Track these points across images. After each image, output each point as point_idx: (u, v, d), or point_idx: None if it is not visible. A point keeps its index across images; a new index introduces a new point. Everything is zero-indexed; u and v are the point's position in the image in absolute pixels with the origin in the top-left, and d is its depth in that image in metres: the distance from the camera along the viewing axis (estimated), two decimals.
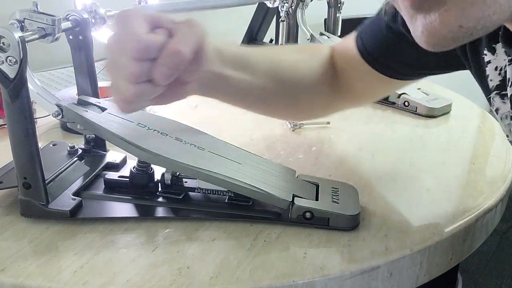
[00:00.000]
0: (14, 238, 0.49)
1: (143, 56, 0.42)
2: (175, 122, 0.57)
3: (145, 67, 0.42)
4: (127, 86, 0.43)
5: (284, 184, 0.53)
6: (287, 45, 0.66)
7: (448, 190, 0.59)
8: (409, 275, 0.48)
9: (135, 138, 0.50)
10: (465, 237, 0.52)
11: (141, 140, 0.50)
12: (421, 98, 0.86)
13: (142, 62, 0.42)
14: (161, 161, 0.50)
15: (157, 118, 0.58)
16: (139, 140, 0.50)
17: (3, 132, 0.75)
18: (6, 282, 0.43)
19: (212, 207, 0.53)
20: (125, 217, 0.52)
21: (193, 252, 0.47)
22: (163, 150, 0.50)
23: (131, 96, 0.43)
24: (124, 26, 0.43)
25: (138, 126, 0.53)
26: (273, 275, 0.43)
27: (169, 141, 0.52)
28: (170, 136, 0.53)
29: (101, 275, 0.43)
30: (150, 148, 0.49)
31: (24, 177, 0.50)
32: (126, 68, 0.42)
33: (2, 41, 0.45)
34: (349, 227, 0.50)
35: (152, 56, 0.42)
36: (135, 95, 0.43)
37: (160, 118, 0.58)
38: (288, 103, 0.65)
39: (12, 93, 0.46)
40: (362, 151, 0.70)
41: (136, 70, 0.42)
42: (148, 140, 0.51)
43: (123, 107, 0.45)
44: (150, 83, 0.43)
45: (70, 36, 0.56)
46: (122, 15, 0.43)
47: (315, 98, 0.66)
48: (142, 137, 0.51)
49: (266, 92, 0.60)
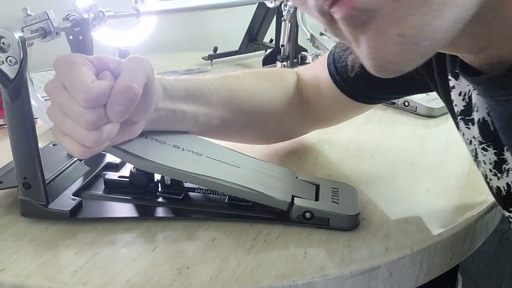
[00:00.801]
0: (14, 238, 0.49)
1: (96, 104, 0.42)
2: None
3: (100, 112, 0.42)
4: (85, 133, 0.43)
5: (283, 185, 0.53)
6: (247, 72, 0.64)
7: (448, 190, 0.59)
8: (409, 275, 0.48)
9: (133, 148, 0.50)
10: (465, 237, 0.52)
11: (138, 150, 0.50)
12: (421, 98, 0.86)
13: (96, 108, 0.42)
14: (160, 169, 0.50)
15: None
16: (137, 149, 0.50)
17: (3, 132, 0.75)
18: (6, 282, 0.43)
19: (212, 207, 0.53)
20: (125, 217, 0.52)
21: (193, 252, 0.47)
22: (162, 158, 0.50)
23: (92, 142, 0.43)
24: (69, 75, 0.42)
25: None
26: (273, 275, 0.43)
27: (166, 148, 0.52)
28: (168, 144, 0.53)
29: (101, 275, 0.43)
30: (148, 157, 0.49)
31: (24, 177, 0.50)
32: (82, 116, 0.42)
33: (2, 41, 0.45)
34: (349, 227, 0.50)
35: (104, 102, 0.42)
36: (96, 141, 0.43)
37: None
38: (253, 131, 0.64)
39: (12, 93, 0.46)
40: (362, 151, 0.70)
41: (92, 117, 0.42)
42: (146, 149, 0.50)
43: (83, 153, 0.44)
44: (108, 124, 0.44)
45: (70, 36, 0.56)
46: (64, 63, 0.42)
47: (282, 125, 0.66)
48: (140, 146, 0.51)
49: (226, 122, 0.59)
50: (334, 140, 0.74)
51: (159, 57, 1.36)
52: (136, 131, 0.50)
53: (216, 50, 1.27)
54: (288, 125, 0.67)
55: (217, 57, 1.27)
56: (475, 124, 0.44)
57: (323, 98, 0.65)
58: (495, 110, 0.39)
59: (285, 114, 0.65)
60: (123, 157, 0.50)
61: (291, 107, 0.65)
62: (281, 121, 0.65)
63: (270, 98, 0.63)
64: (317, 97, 0.65)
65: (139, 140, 0.52)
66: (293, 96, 0.65)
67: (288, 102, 0.64)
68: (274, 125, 0.65)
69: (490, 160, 0.43)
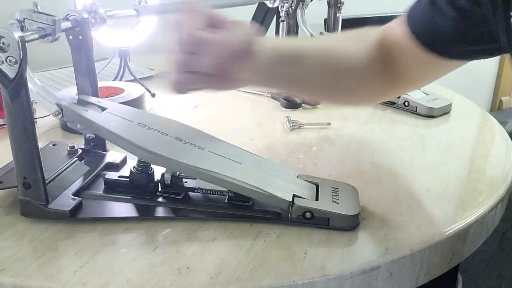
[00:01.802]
0: (14, 238, 0.49)
1: (189, 49, 0.47)
2: (175, 121, 0.57)
3: (190, 59, 0.48)
4: (173, 71, 0.49)
5: (284, 184, 0.53)
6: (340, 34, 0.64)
7: (448, 190, 0.59)
8: (409, 275, 0.48)
9: (135, 137, 0.50)
10: (465, 237, 0.52)
11: (141, 140, 0.50)
12: (421, 98, 0.86)
13: (188, 54, 0.47)
14: (161, 161, 0.50)
15: (157, 118, 0.58)
16: (139, 139, 0.50)
17: (3, 132, 0.75)
18: (6, 282, 0.43)
19: (212, 207, 0.53)
20: (125, 217, 0.52)
21: (193, 252, 0.47)
22: (163, 150, 0.50)
23: (174, 81, 0.49)
24: (186, 17, 0.48)
25: (138, 126, 0.53)
26: (273, 275, 0.43)
27: (169, 140, 0.52)
28: (170, 136, 0.53)
29: (101, 275, 0.43)
30: (150, 148, 0.49)
31: (24, 177, 0.50)
32: (175, 56, 0.48)
33: (2, 41, 0.45)
34: (349, 227, 0.50)
35: (197, 50, 0.47)
36: (176, 82, 0.49)
37: (160, 118, 0.58)
38: (342, 90, 0.64)
39: (12, 93, 0.46)
40: (362, 151, 0.70)
41: (180, 59, 0.48)
42: (148, 139, 0.51)
43: (174, 88, 0.50)
44: (193, 74, 0.48)
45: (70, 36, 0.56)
46: (188, 7, 0.49)
47: (363, 85, 0.64)
48: (142, 136, 0.51)
49: (321, 83, 0.61)
50: (334, 140, 0.74)
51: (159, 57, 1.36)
52: (236, 86, 0.56)
53: None
54: (369, 85, 0.64)
55: None
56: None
57: (404, 55, 0.61)
58: None
59: (369, 72, 0.63)
60: (125, 146, 0.50)
61: (374, 65, 0.62)
62: (368, 80, 0.63)
63: (357, 55, 0.62)
64: (397, 54, 0.62)
65: (141, 130, 0.52)
66: (375, 53, 0.62)
67: (370, 60, 0.62)
68: (353, 84, 0.64)
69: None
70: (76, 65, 0.58)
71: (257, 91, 0.98)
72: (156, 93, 0.99)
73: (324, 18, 1.15)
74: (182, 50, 0.48)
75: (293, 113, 0.86)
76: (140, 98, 0.84)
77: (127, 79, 1.03)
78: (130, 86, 0.88)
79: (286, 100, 0.90)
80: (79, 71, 0.58)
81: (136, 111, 0.57)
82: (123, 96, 0.83)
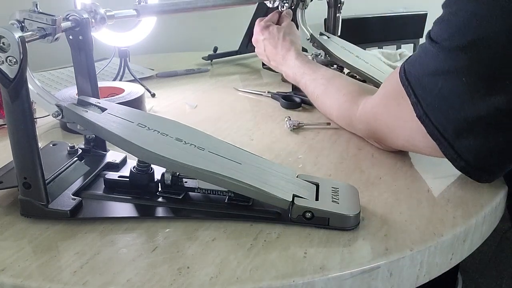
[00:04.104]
0: (14, 238, 0.49)
1: (261, 30, 0.99)
2: (175, 122, 0.57)
3: (259, 35, 1.00)
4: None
5: (284, 184, 0.53)
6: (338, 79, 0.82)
7: (448, 190, 0.59)
8: (409, 275, 0.48)
9: (135, 138, 0.50)
10: (465, 237, 0.52)
11: (141, 140, 0.50)
12: None
13: (258, 33, 1.00)
14: (161, 161, 0.50)
15: (157, 118, 0.58)
16: (139, 140, 0.50)
17: (3, 132, 0.75)
18: (6, 282, 0.43)
19: (212, 207, 0.53)
20: (125, 217, 0.52)
21: (193, 252, 0.47)
22: (163, 150, 0.50)
23: (253, 40, 1.02)
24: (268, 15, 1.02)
25: (138, 126, 0.53)
26: (273, 275, 0.43)
27: (169, 141, 0.52)
28: (170, 137, 0.53)
29: (101, 275, 0.43)
30: (150, 149, 0.49)
31: (24, 177, 0.50)
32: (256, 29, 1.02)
33: (2, 41, 0.45)
34: (349, 227, 0.50)
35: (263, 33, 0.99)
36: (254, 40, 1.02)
37: (160, 118, 0.58)
38: None
39: (12, 93, 0.46)
40: (362, 151, 0.70)
41: (255, 32, 1.01)
42: (148, 140, 0.51)
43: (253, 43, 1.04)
44: (258, 44, 1.01)
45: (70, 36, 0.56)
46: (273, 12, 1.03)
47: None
48: (142, 137, 0.51)
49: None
50: (334, 140, 0.74)
51: (159, 57, 1.36)
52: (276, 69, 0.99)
53: (216, 50, 1.27)
54: None
55: (217, 57, 1.27)
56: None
57: None
58: None
59: None
60: (125, 147, 0.50)
61: None
62: None
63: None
64: None
65: (141, 131, 0.52)
66: None
67: None
68: None
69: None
70: (76, 65, 0.58)
71: (257, 91, 0.98)
72: (156, 93, 0.99)
73: (324, 18, 1.15)
74: (256, 30, 1.00)
75: (293, 113, 0.86)
76: (140, 98, 0.84)
77: (127, 79, 1.03)
78: (130, 86, 0.88)
79: (286, 100, 0.90)
80: (79, 71, 0.58)
81: (136, 112, 0.57)
82: (123, 96, 0.83)
